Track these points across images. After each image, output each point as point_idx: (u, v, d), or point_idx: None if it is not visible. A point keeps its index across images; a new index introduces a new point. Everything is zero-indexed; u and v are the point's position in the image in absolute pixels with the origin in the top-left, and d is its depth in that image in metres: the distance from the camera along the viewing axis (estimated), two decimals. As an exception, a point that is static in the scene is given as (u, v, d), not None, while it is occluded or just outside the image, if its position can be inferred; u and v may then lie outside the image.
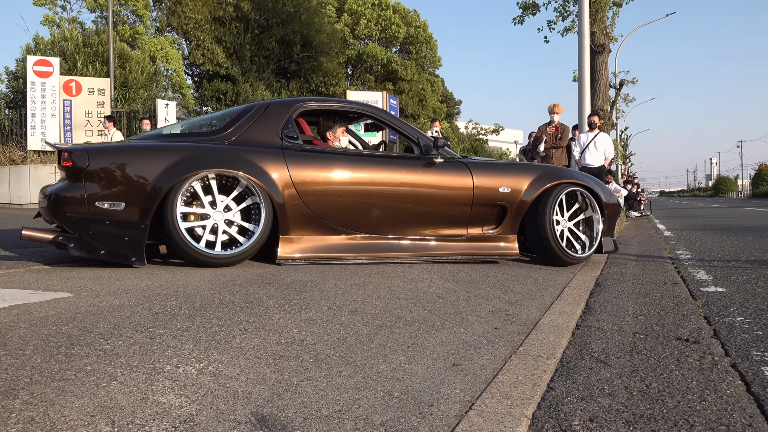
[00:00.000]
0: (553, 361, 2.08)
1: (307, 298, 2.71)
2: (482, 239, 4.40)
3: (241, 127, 3.95)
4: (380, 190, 4.07)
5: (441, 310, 2.69)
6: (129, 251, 3.50)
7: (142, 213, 3.50)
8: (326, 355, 1.93)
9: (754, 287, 3.69)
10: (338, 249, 3.97)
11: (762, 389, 1.83)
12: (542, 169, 4.65)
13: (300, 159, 3.90)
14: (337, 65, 28.11)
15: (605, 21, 16.85)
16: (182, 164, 3.59)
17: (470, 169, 4.32)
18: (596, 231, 4.64)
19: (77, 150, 3.54)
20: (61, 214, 3.47)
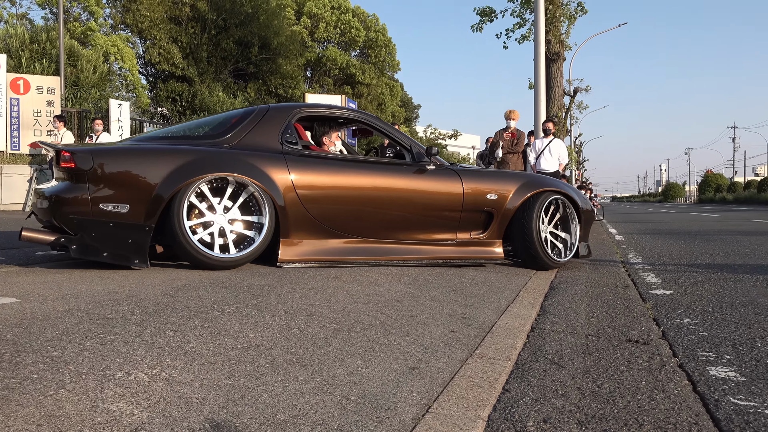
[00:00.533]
0: (509, 363, 2.11)
1: (264, 302, 2.68)
2: (470, 243, 4.55)
3: (242, 132, 3.99)
4: (377, 196, 4.18)
5: (399, 313, 2.70)
6: (132, 253, 3.50)
7: (147, 215, 3.50)
8: (283, 360, 1.91)
9: (700, 290, 3.82)
10: (336, 252, 4.06)
11: (707, 388, 1.90)
12: (526, 177, 4.86)
13: (301, 164, 3.97)
14: (296, 68, 27.94)
15: (560, 30, 17.22)
16: (189, 167, 3.60)
17: (460, 177, 4.48)
18: (574, 236, 4.86)
19: (80, 151, 3.51)
20: (64, 216, 3.43)
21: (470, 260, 4.52)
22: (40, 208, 3.67)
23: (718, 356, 2.28)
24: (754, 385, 1.93)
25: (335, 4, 33.94)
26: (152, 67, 23.17)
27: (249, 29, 24.04)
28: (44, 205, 3.58)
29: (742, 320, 2.91)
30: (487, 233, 4.57)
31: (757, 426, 1.60)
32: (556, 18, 16.79)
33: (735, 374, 2.05)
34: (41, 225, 3.88)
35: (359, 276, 3.60)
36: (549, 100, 16.13)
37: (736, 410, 1.71)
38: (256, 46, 24.57)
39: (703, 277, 4.43)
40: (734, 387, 1.91)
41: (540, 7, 11.65)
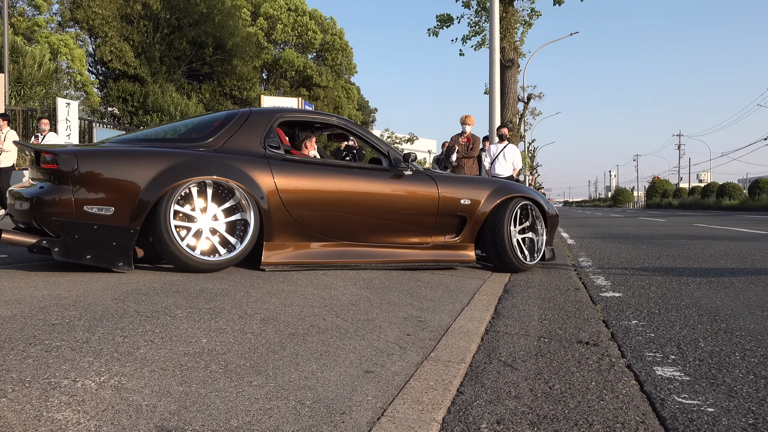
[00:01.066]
0: (463, 365, 2.13)
1: (218, 306, 2.64)
2: (444, 247, 4.67)
3: (225, 135, 4.00)
4: (357, 200, 4.25)
5: (354, 317, 2.70)
6: (116, 256, 3.49)
7: (132, 218, 3.48)
8: (236, 365, 1.89)
9: (647, 292, 3.94)
10: (317, 256, 4.11)
11: (653, 388, 1.96)
12: (498, 183, 5.00)
13: (284, 168, 4.00)
14: (252, 69, 27.67)
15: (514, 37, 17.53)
16: (175, 170, 3.60)
17: (436, 182, 4.60)
18: (541, 240, 5.06)
19: (64, 153, 3.46)
20: (46, 218, 3.38)
21: (444, 263, 4.65)
22: (18, 210, 3.59)
23: (664, 356, 2.35)
24: (698, 384, 2.00)
25: (292, 6, 33.75)
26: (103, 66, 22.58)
27: (203, 29, 23.68)
28: (24, 206, 3.50)
29: (686, 321, 3.01)
30: (460, 237, 4.71)
31: (700, 423, 1.65)
32: (511, 25, 17.09)
33: (680, 374, 2.12)
34: (14, 226, 3.80)
35: (315, 280, 3.59)
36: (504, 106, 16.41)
37: (681, 409, 1.77)
38: (211, 47, 24.21)
39: (650, 279, 4.57)
40: (679, 386, 1.98)
41: (495, 14, 11.85)
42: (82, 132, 14.94)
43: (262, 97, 13.78)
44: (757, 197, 35.45)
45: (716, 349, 2.46)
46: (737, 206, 36.34)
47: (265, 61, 32.21)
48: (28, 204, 3.45)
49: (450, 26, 18.65)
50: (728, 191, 41.18)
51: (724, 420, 1.68)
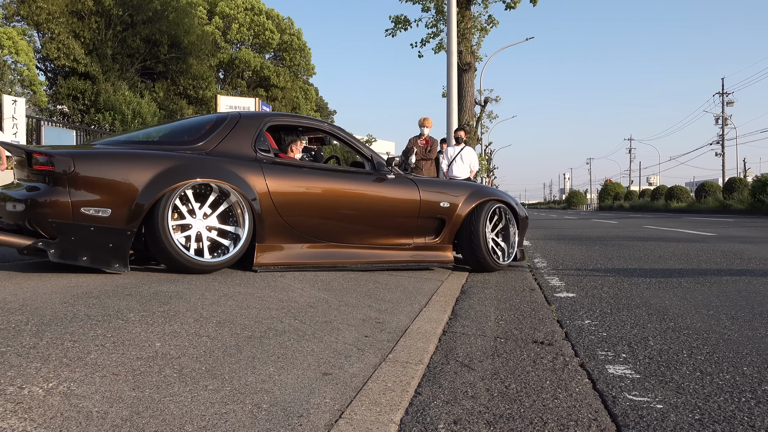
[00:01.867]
0: (421, 366, 2.14)
1: (172, 309, 2.59)
2: (424, 248, 4.86)
3: (216, 138, 4.05)
4: (344, 202, 4.41)
5: (312, 319, 2.69)
6: (113, 257, 3.50)
7: (129, 220, 3.51)
8: (191, 369, 1.85)
9: (600, 292, 4.04)
10: (306, 256, 4.22)
11: (605, 386, 2.01)
12: (474, 187, 5.24)
13: (275, 171, 4.10)
14: (208, 68, 27.25)
15: (472, 41, 17.72)
16: (172, 172, 3.64)
17: (417, 186, 4.80)
18: (513, 242, 5.30)
19: (60, 154, 3.45)
20: (42, 220, 3.38)
21: (425, 263, 4.85)
22: (9, 211, 3.56)
23: (616, 355, 2.42)
24: (647, 381, 2.06)
25: (249, 6, 33.39)
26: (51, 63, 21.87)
27: (158, 27, 23.20)
28: (18, 207, 3.47)
29: (637, 321, 3.10)
30: (439, 238, 4.90)
31: (650, 420, 1.70)
32: (468, 30, 17.28)
33: (630, 372, 2.18)
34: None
35: (272, 282, 3.55)
36: (461, 109, 16.58)
37: (631, 406, 1.82)
38: (166, 45, 23.74)
39: (603, 280, 4.68)
40: (630, 384, 2.03)
41: (452, 18, 11.97)
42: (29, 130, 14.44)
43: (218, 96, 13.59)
44: (703, 200, 36.75)
45: (665, 348, 2.54)
46: (685, 209, 37.59)
47: (222, 60, 31.77)
48: (23, 205, 3.42)
49: (408, 29, 18.75)
50: (676, 194, 42.55)
51: (672, 416, 1.73)
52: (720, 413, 1.76)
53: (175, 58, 24.62)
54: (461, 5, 17.01)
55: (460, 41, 16.49)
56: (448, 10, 11.98)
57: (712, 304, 3.60)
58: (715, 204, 33.46)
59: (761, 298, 3.81)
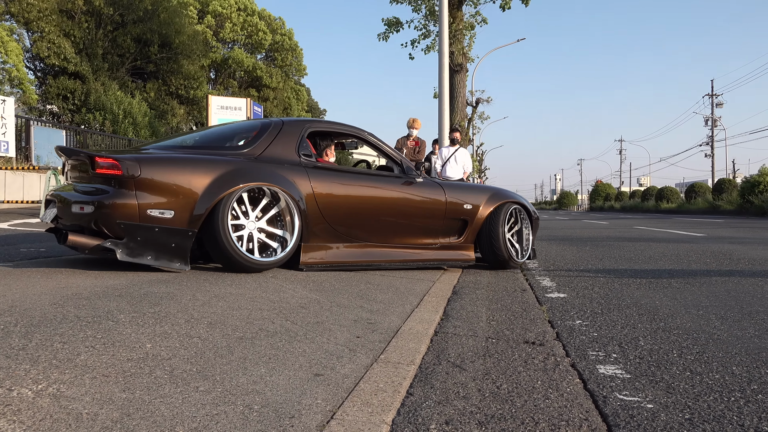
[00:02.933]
0: (413, 367, 2.14)
1: (163, 310, 2.58)
2: (449, 248, 5.13)
3: (263, 144, 4.28)
4: (378, 204, 4.68)
5: (304, 320, 2.68)
6: (175, 256, 3.70)
7: (190, 221, 3.71)
8: (182, 370, 1.84)
9: (590, 293, 4.06)
10: (345, 256, 4.48)
11: (596, 386, 2.02)
12: (493, 189, 5.53)
13: (318, 175, 4.36)
14: (199, 68, 27.15)
15: (463, 42, 17.75)
16: (230, 176, 3.86)
17: (443, 189, 5.10)
18: (528, 240, 5.56)
19: (128, 159, 3.63)
20: (110, 221, 3.55)
21: (449, 262, 5.12)
22: (74, 213, 3.67)
23: (606, 355, 2.43)
24: (638, 381, 2.07)
25: (241, 6, 33.30)
26: (41, 62, 21.71)
27: (148, 26, 23.09)
28: (87, 209, 3.61)
29: (627, 321, 3.12)
30: (462, 238, 5.18)
31: (640, 419, 1.71)
32: (459, 31, 17.30)
33: (621, 372, 2.19)
34: (50, 228, 4.17)
35: (264, 283, 3.54)
36: (453, 110, 16.60)
37: (622, 405, 1.83)
38: (157, 44, 23.63)
39: (594, 280, 4.70)
40: (620, 384, 2.04)
41: (444, 19, 11.99)
42: (18, 130, 14.33)
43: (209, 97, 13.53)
44: (692, 201, 36.98)
45: (655, 347, 2.55)
46: (675, 209, 37.80)
47: (213, 60, 31.66)
48: (92, 207, 3.56)
49: (400, 30, 18.77)
50: (666, 195, 42.79)
51: (662, 415, 1.74)
52: (710, 413, 1.77)
53: (166, 58, 24.52)
54: (453, 6, 17.04)
55: (452, 42, 16.51)
56: (440, 11, 11.99)
57: (702, 304, 3.62)
58: (705, 205, 33.67)
59: (750, 298, 3.84)
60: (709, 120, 47.19)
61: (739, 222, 18.56)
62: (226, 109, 13.22)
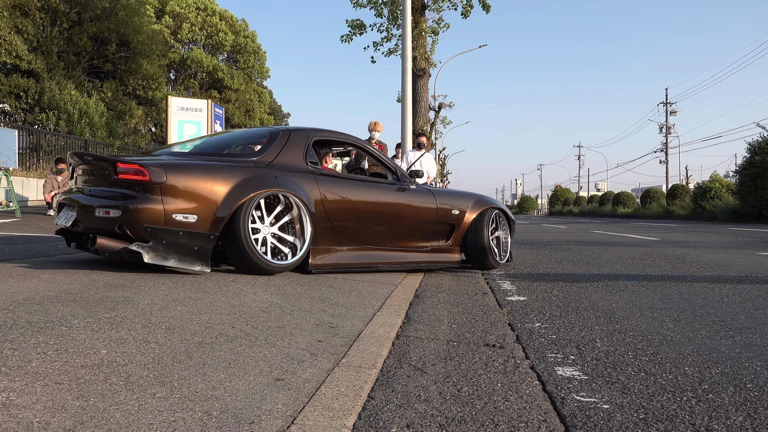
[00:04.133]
0: (374, 371, 2.14)
1: (119, 315, 2.52)
2: (438, 250, 5.50)
3: (273, 151, 4.47)
4: (378, 209, 4.99)
5: (265, 324, 2.65)
6: (197, 259, 3.87)
7: (212, 225, 3.90)
8: (139, 377, 1.81)
9: (549, 296, 4.12)
10: (349, 258, 4.73)
11: (555, 387, 2.05)
12: (477, 196, 5.93)
13: (326, 182, 4.62)
14: (158, 68, 26.66)
15: (426, 47, 17.87)
16: (248, 183, 4.07)
17: (434, 195, 5.47)
18: (507, 243, 6.00)
19: (154, 165, 3.79)
20: (137, 225, 3.69)
21: (438, 264, 5.48)
22: (99, 217, 3.76)
23: (565, 357, 2.47)
24: (595, 382, 2.12)
25: (201, 6, 32.86)
26: (-8, 59, 20.99)
27: (106, 25, 22.59)
28: (113, 213, 3.71)
29: (585, 323, 3.18)
30: (450, 242, 5.55)
31: (597, 420, 1.75)
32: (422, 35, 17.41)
33: (579, 373, 2.23)
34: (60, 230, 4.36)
35: (224, 287, 3.50)
36: (416, 114, 16.70)
37: (579, 406, 1.86)
38: (114, 43, 23.14)
39: (553, 284, 4.78)
40: (578, 385, 2.08)
41: (407, 22, 12.05)
42: (-33, 129, 13.81)
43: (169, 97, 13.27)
44: (648, 206, 37.97)
45: (611, 349, 2.61)
46: (630, 214, 38.75)
47: (173, 60, 31.16)
48: (119, 211, 3.69)
49: (363, 33, 18.80)
50: (623, 200, 43.84)
51: (618, 416, 1.78)
52: (663, 412, 1.82)
53: (124, 58, 24.02)
54: (415, 10, 17.15)
55: (415, 46, 16.61)
56: (403, 15, 12.06)
57: (657, 306, 3.72)
58: (660, 210, 34.61)
59: (701, 300, 3.96)
60: (663, 127, 48.57)
61: (691, 226, 19.13)
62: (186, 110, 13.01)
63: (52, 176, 11.89)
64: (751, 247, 9.14)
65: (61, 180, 11.67)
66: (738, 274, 5.49)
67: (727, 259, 7.03)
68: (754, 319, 3.30)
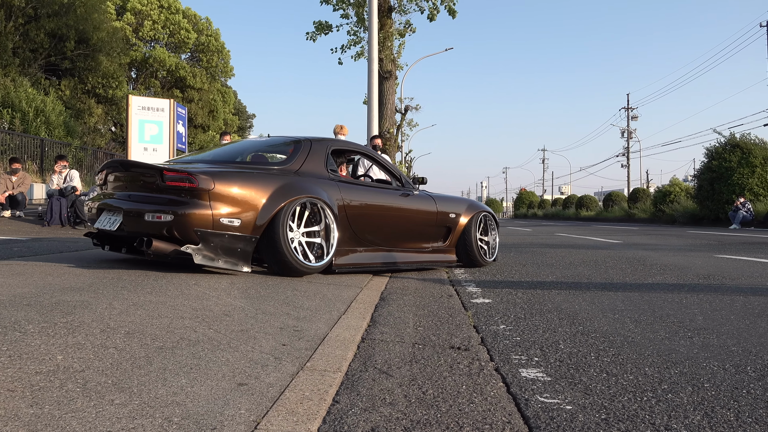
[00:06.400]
0: (339, 374, 2.13)
1: (76, 320, 2.46)
2: (438, 251, 6.05)
3: (300, 160, 4.86)
4: (389, 213, 5.47)
5: (228, 328, 2.62)
6: (240, 260, 4.23)
7: (254, 228, 4.24)
8: (97, 383, 1.76)
9: (514, 298, 4.17)
10: (365, 258, 5.18)
11: (519, 389, 2.07)
12: (469, 201, 6.61)
13: (347, 189, 5.06)
14: (119, 67, 26.14)
15: (392, 49, 17.92)
16: (285, 190, 4.43)
17: (434, 200, 6.01)
18: (494, 243, 6.59)
19: (201, 173, 4.12)
20: (188, 229, 4.00)
21: (438, 264, 6.03)
22: (149, 221, 4.01)
23: (529, 359, 2.50)
24: (558, 384, 2.15)
25: (164, 4, 32.35)
26: (-58, 55, 20.29)
27: (64, 21, 22.05)
28: (165, 218, 3.97)
29: (548, 325, 3.22)
30: (447, 243, 6.11)
31: (560, 421, 1.77)
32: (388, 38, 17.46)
33: (542, 375, 2.26)
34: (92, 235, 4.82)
35: (186, 290, 3.44)
36: (382, 117, 16.72)
37: (543, 407, 1.89)
38: (73, 40, 22.60)
39: (517, 286, 4.84)
40: (541, 386, 2.11)
41: (373, 25, 12.07)
42: None
43: (129, 97, 12.99)
44: (610, 209, 38.75)
45: (574, 351, 2.65)
46: (593, 217, 39.49)
47: (134, 58, 30.60)
48: (171, 216, 3.96)
49: (329, 33, 18.76)
50: (586, 203, 44.66)
51: (580, 416, 1.81)
52: (624, 412, 1.86)
53: (83, 55, 23.48)
54: (382, 13, 17.19)
55: (381, 49, 16.65)
56: (369, 18, 12.07)
57: (618, 308, 3.79)
58: (621, 213, 35.36)
59: (661, 302, 4.05)
60: (625, 132, 49.66)
61: (652, 229, 19.60)
62: (147, 110, 12.77)
63: (6, 176, 11.55)
64: (708, 249, 9.40)
65: (15, 180, 11.34)
66: (696, 276, 5.65)
67: (686, 261, 7.22)
68: (711, 320, 3.39)
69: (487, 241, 6.47)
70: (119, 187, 4.48)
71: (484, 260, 6.32)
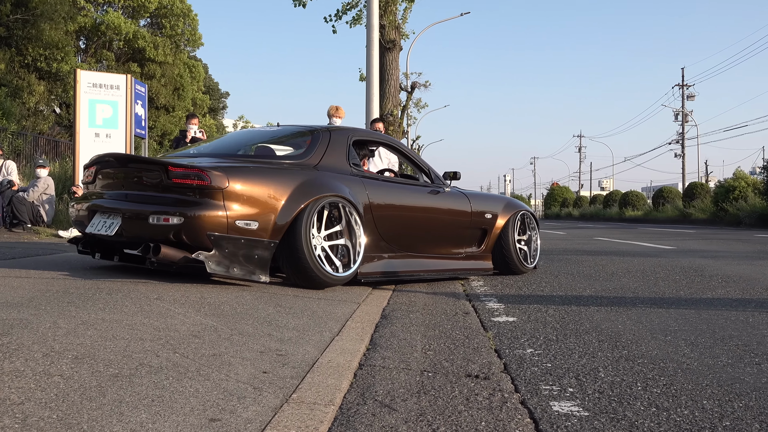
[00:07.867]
0: (332, 408, 2.14)
1: (15, 341, 2.47)
2: (472, 257, 6.17)
3: (318, 154, 4.97)
4: (417, 215, 5.61)
5: (197, 352, 2.63)
6: (257, 268, 4.30)
7: (272, 232, 4.32)
8: (39, 418, 1.77)
9: (544, 316, 4.18)
10: (391, 266, 5.28)
11: (550, 426, 2.08)
12: (507, 199, 6.82)
13: (373, 187, 5.17)
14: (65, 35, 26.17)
15: (396, 14, 17.95)
16: (306, 188, 4.52)
17: (468, 198, 6.14)
18: (536, 246, 6.83)
19: (215, 169, 4.19)
20: (200, 233, 4.07)
21: (472, 272, 6.19)
22: (153, 224, 4.07)
23: (562, 389, 2.51)
24: (597, 419, 2.15)
25: (119, -41, 32.38)
26: None
27: (-1, -20, 22.08)
28: (173, 221, 4.03)
29: (586, 348, 3.23)
30: (482, 248, 6.27)
31: (599, 464, 1.78)
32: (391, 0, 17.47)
33: (578, 409, 2.26)
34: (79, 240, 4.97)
35: (146, 306, 3.46)
36: (383, 95, 16.74)
37: (579, 448, 1.89)
38: (9, 4, 22.64)
39: (547, 301, 4.85)
40: (577, 423, 2.11)
41: (374, -15, 12.07)
42: None
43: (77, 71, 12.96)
44: (661, 208, 38.71)
45: (617, 380, 2.66)
46: (641, 217, 39.48)
47: (83, 25, 30.62)
48: (180, 218, 4.02)
49: (320, -4, 18.78)
50: (631, 201, 44.63)
51: (624, 459, 1.82)
52: (677, 454, 1.86)
53: (22, 21, 23.50)
54: (384, -30, 17.20)
55: (383, 14, 16.67)
56: (369, -24, 12.08)
57: (670, 328, 3.80)
58: (675, 213, 35.34)
59: (723, 321, 4.05)
60: (679, 114, 49.62)
61: (711, 233, 19.59)
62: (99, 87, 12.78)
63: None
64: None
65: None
66: (766, 289, 5.65)
67: (754, 271, 7.22)
68: (783, 343, 3.39)
69: (527, 243, 6.69)
70: (113, 185, 4.54)
71: (525, 266, 6.50)
